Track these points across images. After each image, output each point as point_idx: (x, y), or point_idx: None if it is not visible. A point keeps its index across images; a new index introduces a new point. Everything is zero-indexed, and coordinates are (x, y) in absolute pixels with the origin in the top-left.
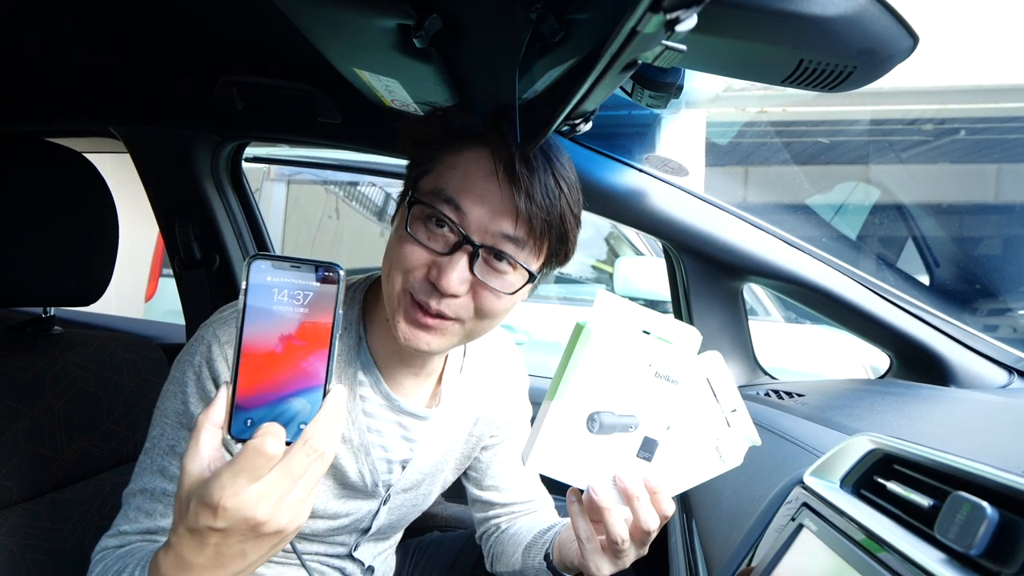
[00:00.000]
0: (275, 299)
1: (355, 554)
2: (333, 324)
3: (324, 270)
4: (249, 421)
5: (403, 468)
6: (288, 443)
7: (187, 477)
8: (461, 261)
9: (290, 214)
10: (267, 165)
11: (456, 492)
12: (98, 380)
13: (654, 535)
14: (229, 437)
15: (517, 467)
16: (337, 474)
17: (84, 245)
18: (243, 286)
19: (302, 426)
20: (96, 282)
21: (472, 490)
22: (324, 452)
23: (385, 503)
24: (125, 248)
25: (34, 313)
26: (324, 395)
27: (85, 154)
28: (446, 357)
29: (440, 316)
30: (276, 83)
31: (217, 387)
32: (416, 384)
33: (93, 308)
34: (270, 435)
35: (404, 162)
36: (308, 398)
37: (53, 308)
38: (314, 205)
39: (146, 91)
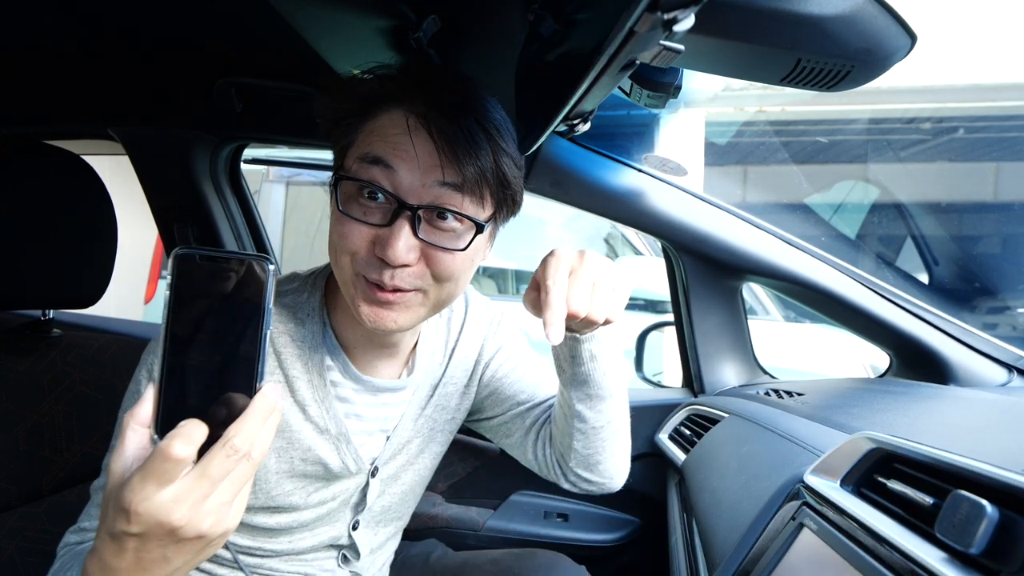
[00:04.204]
0: (202, 294)
1: (354, 535)
2: (262, 319)
3: (253, 264)
4: (177, 421)
5: (387, 439)
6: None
7: (110, 478)
8: (403, 228)
9: (289, 215)
10: (266, 167)
11: (457, 492)
12: (97, 382)
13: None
14: (157, 437)
15: (526, 371)
16: (319, 469)
17: (83, 248)
18: (168, 281)
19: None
20: (95, 284)
21: (499, 423)
22: (250, 453)
23: (374, 475)
24: (124, 250)
25: (33, 316)
26: (254, 393)
27: (83, 156)
28: (419, 330)
29: (398, 290)
30: (275, 84)
31: None
32: (390, 360)
33: (92, 310)
34: (178, 438)
35: None
36: (239, 396)
37: (52, 311)
38: (313, 206)
39: (144, 93)
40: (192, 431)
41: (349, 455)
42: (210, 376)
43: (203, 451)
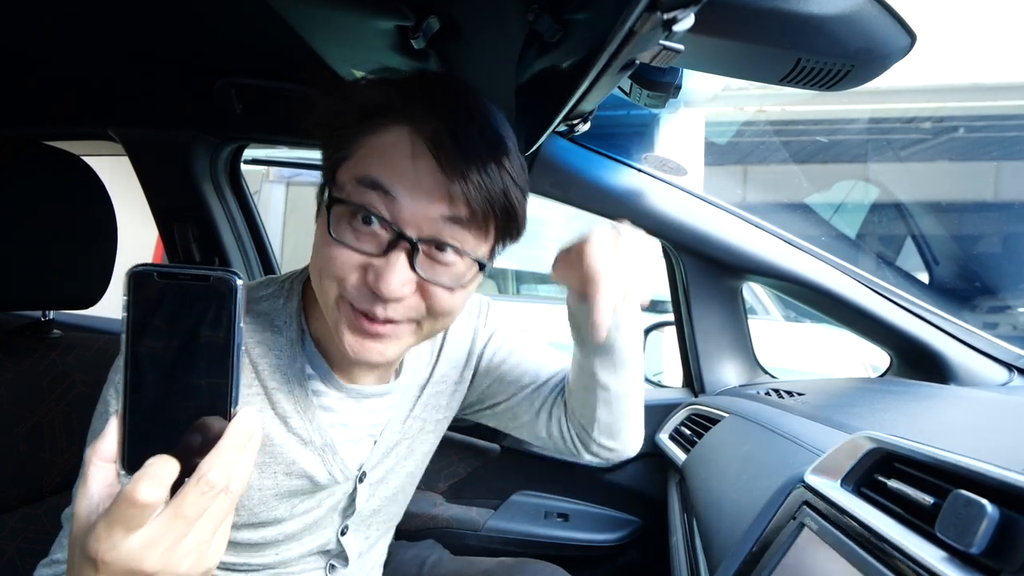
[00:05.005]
0: (163, 316)
1: (342, 540)
2: (232, 340)
3: (218, 279)
4: (145, 455)
5: (374, 443)
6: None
7: (76, 521)
8: (399, 260)
9: (289, 216)
10: (266, 167)
11: (457, 493)
12: (98, 383)
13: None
14: (124, 473)
15: (524, 355)
16: (304, 482)
17: (83, 248)
18: (125, 301)
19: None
20: (95, 285)
21: (503, 410)
22: (228, 486)
23: (361, 480)
24: (125, 250)
25: (33, 317)
26: (230, 419)
27: (83, 157)
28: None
29: (390, 321)
30: (275, 85)
31: None
32: (373, 367)
33: (93, 311)
34: (144, 480)
35: None
36: (217, 426)
37: (52, 311)
38: (313, 207)
39: (144, 93)
40: (161, 470)
41: (336, 465)
42: (179, 403)
43: (178, 484)
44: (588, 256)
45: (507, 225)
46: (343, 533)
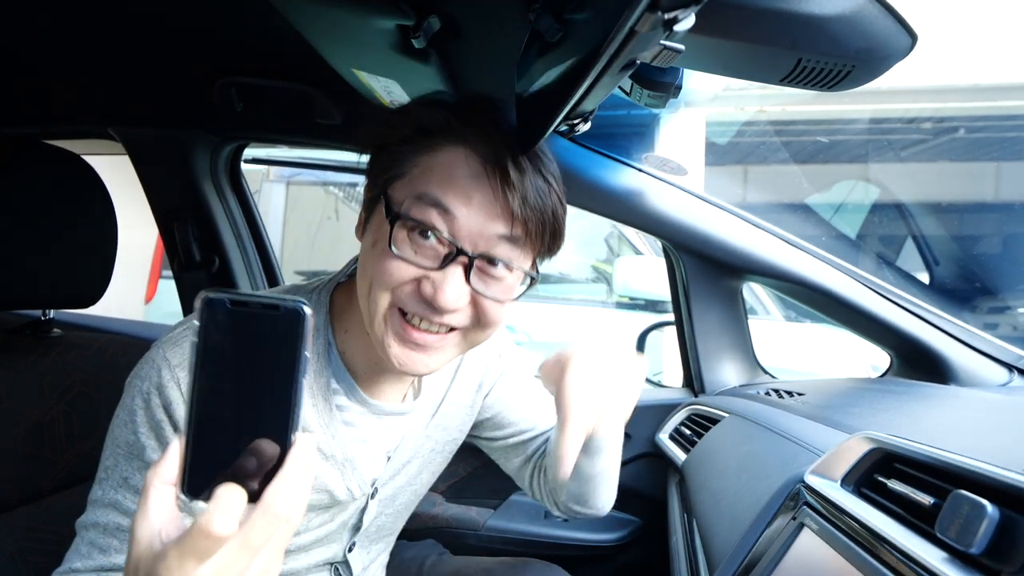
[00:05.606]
0: (232, 341)
1: (348, 556)
2: (297, 368)
3: (287, 310)
4: (206, 478)
5: (388, 459)
6: (249, 500)
7: (136, 544)
8: (456, 274)
9: (289, 215)
10: (266, 166)
11: (457, 492)
12: (98, 382)
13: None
14: (184, 497)
15: (529, 400)
16: (324, 497)
17: (83, 247)
18: (195, 326)
19: (255, 485)
20: (95, 284)
21: (500, 447)
22: (290, 516)
23: (372, 497)
24: (124, 250)
25: (33, 316)
26: (288, 448)
27: (83, 156)
28: None
29: (444, 329)
30: (275, 84)
31: (168, 416)
32: (397, 383)
33: (93, 310)
34: (218, 513)
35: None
36: (271, 450)
37: (52, 311)
38: (313, 206)
39: (144, 92)
40: (232, 502)
41: (354, 480)
42: (241, 428)
43: None
44: (562, 387)
45: (552, 243)
46: (350, 550)
